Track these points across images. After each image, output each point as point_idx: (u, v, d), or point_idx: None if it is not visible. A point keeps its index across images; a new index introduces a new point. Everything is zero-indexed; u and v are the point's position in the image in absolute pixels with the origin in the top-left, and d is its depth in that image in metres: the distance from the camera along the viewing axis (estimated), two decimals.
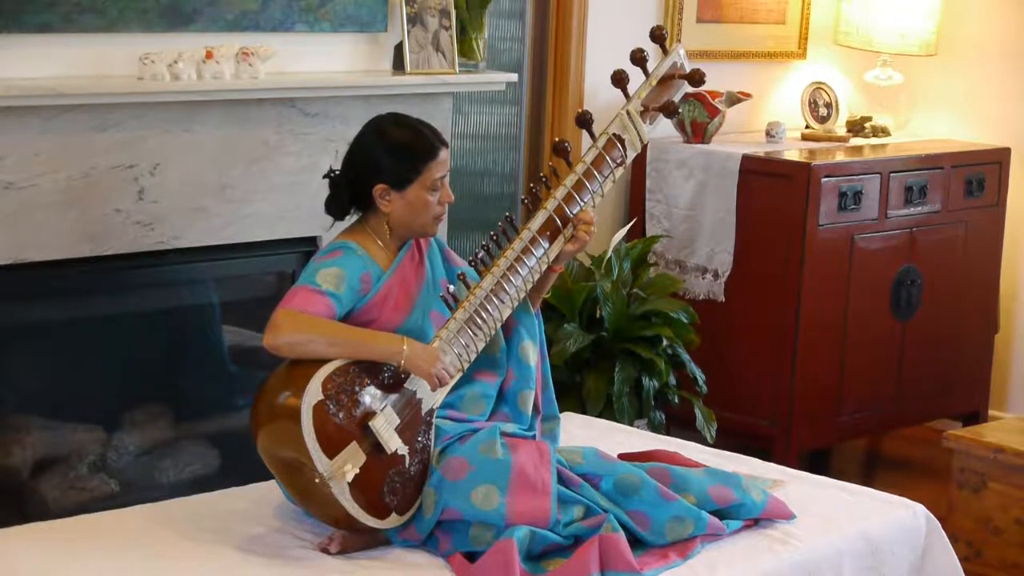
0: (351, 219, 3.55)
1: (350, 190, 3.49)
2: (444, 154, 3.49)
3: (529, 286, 3.56)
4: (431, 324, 3.49)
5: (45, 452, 4.31)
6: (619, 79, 3.67)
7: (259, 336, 3.37)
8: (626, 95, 3.69)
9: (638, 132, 3.68)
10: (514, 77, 4.96)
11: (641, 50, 3.67)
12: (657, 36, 3.73)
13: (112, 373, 4.40)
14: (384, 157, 3.45)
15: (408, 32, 4.59)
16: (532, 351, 3.62)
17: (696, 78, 3.72)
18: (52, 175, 3.99)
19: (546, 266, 3.58)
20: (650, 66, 3.70)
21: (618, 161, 3.66)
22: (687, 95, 5.45)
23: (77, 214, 4.05)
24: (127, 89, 4.05)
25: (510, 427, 3.52)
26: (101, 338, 4.36)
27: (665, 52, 3.74)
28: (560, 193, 3.58)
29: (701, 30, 5.94)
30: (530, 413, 3.59)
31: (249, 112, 4.33)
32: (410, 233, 3.51)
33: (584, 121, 3.65)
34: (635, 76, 3.69)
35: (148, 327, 4.46)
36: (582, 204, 3.60)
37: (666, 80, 3.71)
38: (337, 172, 3.53)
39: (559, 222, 3.57)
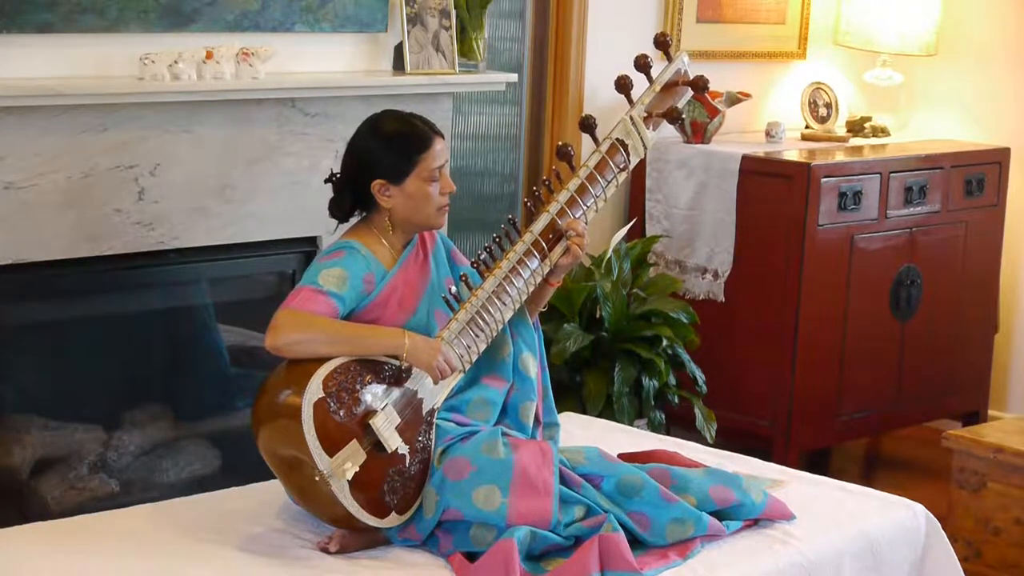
0: (355, 219, 3.55)
1: (351, 190, 3.49)
2: (439, 143, 3.48)
3: (532, 288, 3.55)
4: (435, 323, 3.49)
5: (45, 452, 4.30)
6: (623, 85, 3.66)
7: (259, 336, 3.37)
8: (630, 101, 3.68)
9: (641, 138, 3.67)
10: (514, 77, 4.96)
11: (645, 56, 3.65)
12: (661, 43, 3.73)
13: (112, 373, 4.40)
14: (378, 152, 3.44)
15: (408, 32, 4.59)
16: (532, 363, 3.61)
17: (699, 85, 3.71)
18: (52, 175, 3.99)
19: (548, 269, 3.57)
20: (654, 72, 3.69)
21: (621, 166, 3.65)
22: None
23: (77, 214, 4.05)
24: (127, 89, 4.05)
25: (513, 431, 3.52)
26: (101, 338, 4.36)
27: (669, 59, 3.74)
28: (563, 196, 3.57)
29: (701, 30, 5.94)
30: (531, 424, 3.58)
31: (249, 112, 4.33)
32: (415, 227, 3.51)
33: (587, 125, 3.64)
34: (639, 82, 3.69)
35: (148, 327, 4.46)
36: (584, 208, 3.59)
37: (669, 87, 3.70)
38: (337, 175, 3.53)
39: (561, 226, 3.56)
